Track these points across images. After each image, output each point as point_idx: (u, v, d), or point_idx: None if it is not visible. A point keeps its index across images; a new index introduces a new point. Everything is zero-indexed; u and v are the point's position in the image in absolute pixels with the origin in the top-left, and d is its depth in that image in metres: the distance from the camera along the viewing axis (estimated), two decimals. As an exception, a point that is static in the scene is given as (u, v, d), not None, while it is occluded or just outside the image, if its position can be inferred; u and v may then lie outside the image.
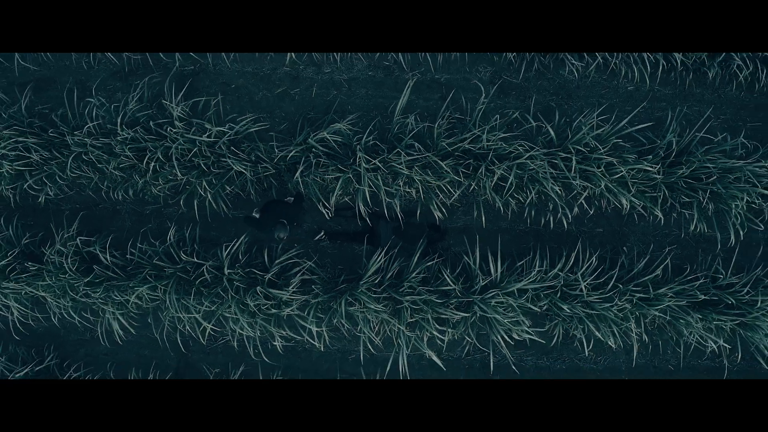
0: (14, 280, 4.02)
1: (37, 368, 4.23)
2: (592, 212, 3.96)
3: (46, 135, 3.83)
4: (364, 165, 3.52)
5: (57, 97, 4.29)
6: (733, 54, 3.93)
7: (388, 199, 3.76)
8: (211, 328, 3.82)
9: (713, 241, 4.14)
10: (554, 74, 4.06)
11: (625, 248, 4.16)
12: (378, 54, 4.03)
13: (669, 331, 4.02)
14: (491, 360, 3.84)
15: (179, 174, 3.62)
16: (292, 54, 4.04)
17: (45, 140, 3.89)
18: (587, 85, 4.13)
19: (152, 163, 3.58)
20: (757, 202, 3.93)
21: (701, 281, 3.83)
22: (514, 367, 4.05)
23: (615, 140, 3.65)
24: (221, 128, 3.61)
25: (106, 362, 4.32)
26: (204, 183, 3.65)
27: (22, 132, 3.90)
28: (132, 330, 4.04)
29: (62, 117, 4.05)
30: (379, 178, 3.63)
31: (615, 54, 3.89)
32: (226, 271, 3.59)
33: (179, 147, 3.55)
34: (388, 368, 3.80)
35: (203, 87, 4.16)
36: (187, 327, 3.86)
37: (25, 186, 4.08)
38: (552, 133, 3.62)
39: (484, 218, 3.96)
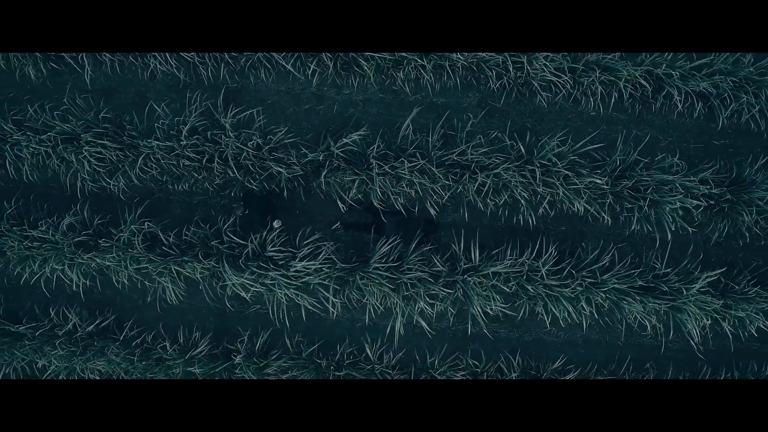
0: (85, 254, 5.14)
1: (101, 325, 5.34)
2: (553, 213, 5.08)
3: (120, 138, 4.95)
4: (376, 170, 4.65)
5: (120, 105, 5.41)
6: (671, 88, 5.05)
7: (393, 197, 4.88)
8: (243, 296, 4.95)
9: (654, 240, 5.27)
10: (529, 101, 5.20)
11: (583, 243, 5.29)
12: (388, 80, 5.15)
13: (616, 312, 5.15)
14: (468, 325, 4.98)
15: (231, 173, 4.75)
16: (318, 73, 5.15)
17: (118, 142, 5.01)
18: (556, 110, 5.25)
19: (210, 164, 4.70)
20: (689, 208, 5.06)
21: (641, 270, 4.97)
22: (487, 333, 5.19)
23: (572, 157, 4.78)
24: (262, 141, 4.73)
25: (156, 324, 5.44)
26: (249, 180, 4.78)
27: (99, 135, 5.02)
28: (181, 296, 5.17)
29: (129, 122, 5.17)
30: (386, 180, 4.75)
31: (577, 87, 5.01)
32: (269, 247, 4.72)
33: (231, 152, 4.68)
34: (387, 331, 4.93)
35: (245, 101, 5.28)
36: (228, 293, 5.00)
37: (90, 179, 5.21)
38: (522, 149, 4.75)
39: (467, 215, 5.09)
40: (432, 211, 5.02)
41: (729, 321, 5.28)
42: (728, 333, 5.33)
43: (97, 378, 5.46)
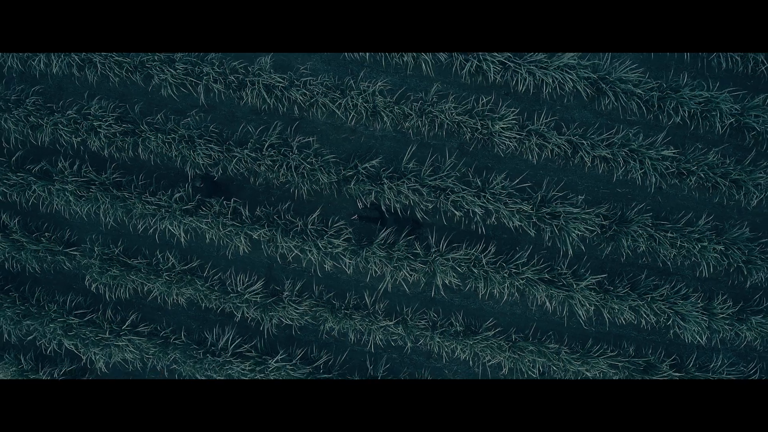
0: (188, 217, 8.20)
1: (190, 266, 8.41)
2: (498, 225, 8.13)
3: (222, 144, 8.01)
4: (386, 185, 7.71)
5: (218, 118, 8.47)
6: (583, 152, 8.06)
7: (394, 203, 7.93)
8: (288, 256, 8.02)
9: (561, 250, 8.30)
10: (490, 150, 8.23)
11: (516, 248, 8.33)
12: (399, 125, 8.20)
13: (529, 295, 8.19)
14: (432, 291, 8.05)
15: (290, 176, 7.83)
16: (352, 119, 8.20)
17: (220, 147, 8.06)
18: (508, 157, 8.28)
19: (282, 170, 7.78)
20: (586, 230, 8.08)
21: (548, 269, 8.00)
22: (445, 298, 8.26)
23: (510, 190, 7.81)
24: (315, 159, 7.81)
25: (227, 269, 8.51)
26: (303, 181, 7.85)
27: (208, 140, 8.08)
28: (246, 251, 8.24)
29: (227, 134, 8.22)
30: (392, 192, 7.80)
31: (521, 144, 8.03)
32: (310, 227, 7.79)
33: (297, 164, 7.76)
34: (380, 288, 8.00)
35: (302, 130, 8.33)
36: (278, 252, 8.06)
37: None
38: (479, 182, 7.80)
39: (441, 220, 8.13)
40: (419, 215, 8.07)
41: (607, 311, 8.31)
42: (606, 319, 8.38)
43: (184, 302, 8.53)
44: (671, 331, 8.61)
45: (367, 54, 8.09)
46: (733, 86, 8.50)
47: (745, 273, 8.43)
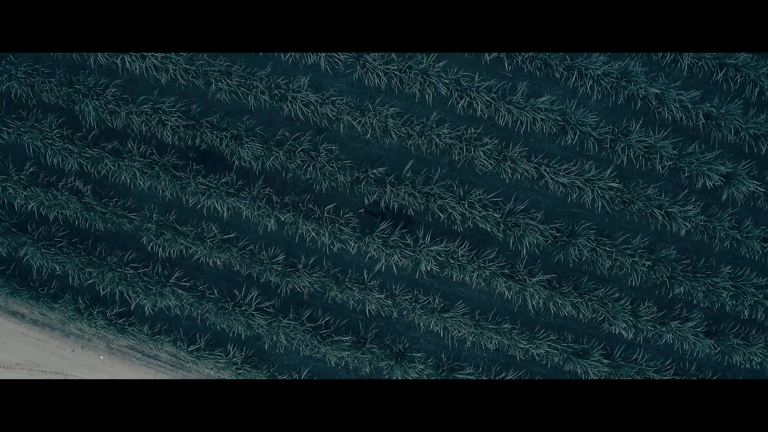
0: (231, 198, 10.56)
1: (228, 237, 10.77)
2: (473, 228, 10.47)
3: (263, 145, 10.37)
4: (388, 188, 10.07)
5: (261, 122, 10.83)
6: (548, 176, 10.39)
7: (393, 202, 10.29)
8: (305, 236, 10.40)
9: (520, 252, 10.64)
10: (474, 168, 10.58)
11: (487, 247, 10.67)
12: (403, 141, 10.55)
13: (496, 285, 10.53)
14: (416, 275, 10.44)
15: (314, 173, 10.20)
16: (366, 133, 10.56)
17: (262, 146, 10.42)
18: (487, 175, 10.62)
19: (308, 168, 10.16)
20: (542, 238, 10.41)
21: (509, 266, 10.34)
22: (426, 278, 10.64)
23: (485, 201, 10.15)
24: (335, 163, 10.18)
25: (257, 242, 10.87)
26: (324, 179, 10.23)
27: (254, 140, 10.43)
28: (273, 230, 10.62)
29: (269, 136, 10.58)
30: (392, 193, 10.16)
31: (499, 165, 10.37)
32: (325, 215, 10.16)
33: (321, 165, 10.14)
34: (375, 269, 10.38)
35: (327, 138, 10.69)
36: (298, 233, 10.45)
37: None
38: (461, 193, 10.15)
39: (429, 219, 10.50)
40: (411, 213, 10.45)
41: (553, 304, 10.65)
42: (552, 311, 10.73)
43: (220, 264, 10.88)
44: (604, 326, 10.93)
45: (383, 84, 10.44)
46: (674, 135, 10.80)
47: (668, 286, 10.73)
